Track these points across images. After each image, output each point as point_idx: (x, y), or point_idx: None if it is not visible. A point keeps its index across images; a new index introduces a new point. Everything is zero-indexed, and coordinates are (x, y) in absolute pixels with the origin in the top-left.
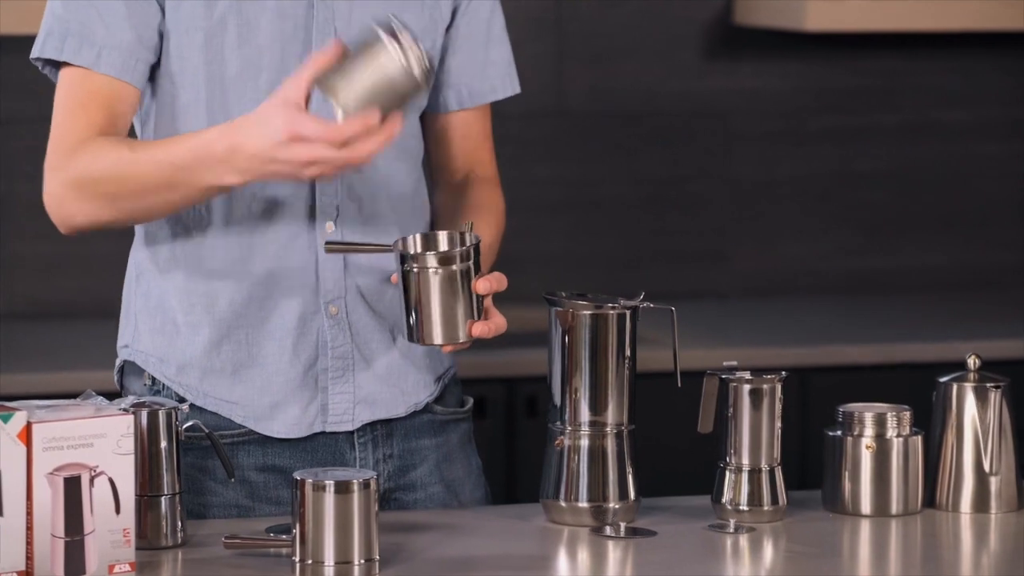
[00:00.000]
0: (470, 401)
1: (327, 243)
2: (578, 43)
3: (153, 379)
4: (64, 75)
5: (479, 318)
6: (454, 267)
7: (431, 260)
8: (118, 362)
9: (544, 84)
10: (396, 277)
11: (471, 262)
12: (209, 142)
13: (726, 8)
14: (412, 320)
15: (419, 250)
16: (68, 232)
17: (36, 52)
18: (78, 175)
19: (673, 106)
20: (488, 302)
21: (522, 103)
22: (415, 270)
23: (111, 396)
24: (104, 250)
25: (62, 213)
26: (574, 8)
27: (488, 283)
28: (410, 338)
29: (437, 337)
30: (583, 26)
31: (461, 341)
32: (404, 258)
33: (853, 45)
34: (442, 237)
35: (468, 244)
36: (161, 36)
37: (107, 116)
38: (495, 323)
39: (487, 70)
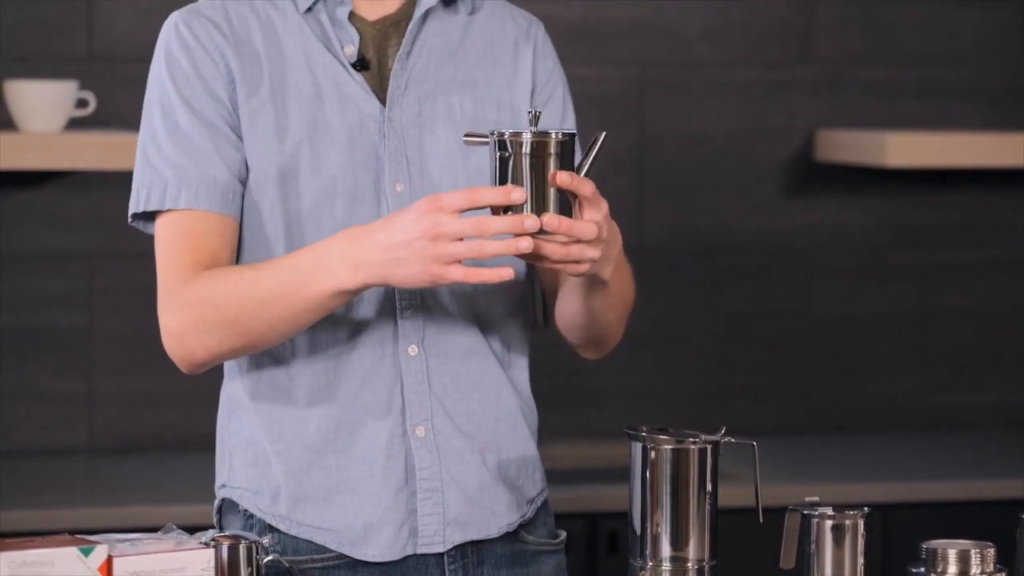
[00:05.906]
0: (563, 534)
1: (465, 136)
2: (659, 180)
3: (249, 514)
4: (162, 220)
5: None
6: (548, 153)
7: (523, 143)
8: (216, 502)
9: (626, 220)
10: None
11: (561, 155)
12: (329, 242)
13: (807, 145)
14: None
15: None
16: (190, 370)
17: (139, 207)
18: (196, 303)
19: (754, 242)
20: (588, 212)
21: None
22: (508, 155)
23: (192, 530)
24: (186, 385)
25: (183, 350)
26: (655, 145)
27: (569, 177)
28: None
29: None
30: (664, 163)
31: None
32: (501, 144)
33: (934, 181)
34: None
35: (561, 137)
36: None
37: (210, 252)
38: (577, 223)
39: None
